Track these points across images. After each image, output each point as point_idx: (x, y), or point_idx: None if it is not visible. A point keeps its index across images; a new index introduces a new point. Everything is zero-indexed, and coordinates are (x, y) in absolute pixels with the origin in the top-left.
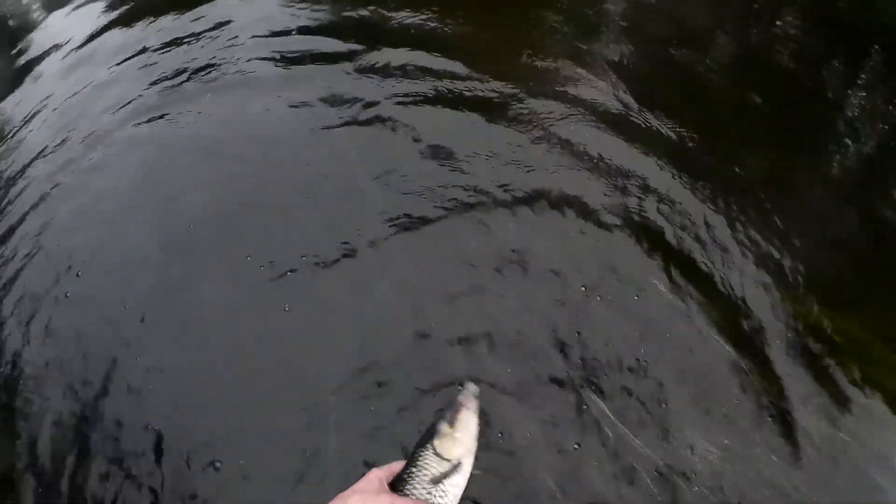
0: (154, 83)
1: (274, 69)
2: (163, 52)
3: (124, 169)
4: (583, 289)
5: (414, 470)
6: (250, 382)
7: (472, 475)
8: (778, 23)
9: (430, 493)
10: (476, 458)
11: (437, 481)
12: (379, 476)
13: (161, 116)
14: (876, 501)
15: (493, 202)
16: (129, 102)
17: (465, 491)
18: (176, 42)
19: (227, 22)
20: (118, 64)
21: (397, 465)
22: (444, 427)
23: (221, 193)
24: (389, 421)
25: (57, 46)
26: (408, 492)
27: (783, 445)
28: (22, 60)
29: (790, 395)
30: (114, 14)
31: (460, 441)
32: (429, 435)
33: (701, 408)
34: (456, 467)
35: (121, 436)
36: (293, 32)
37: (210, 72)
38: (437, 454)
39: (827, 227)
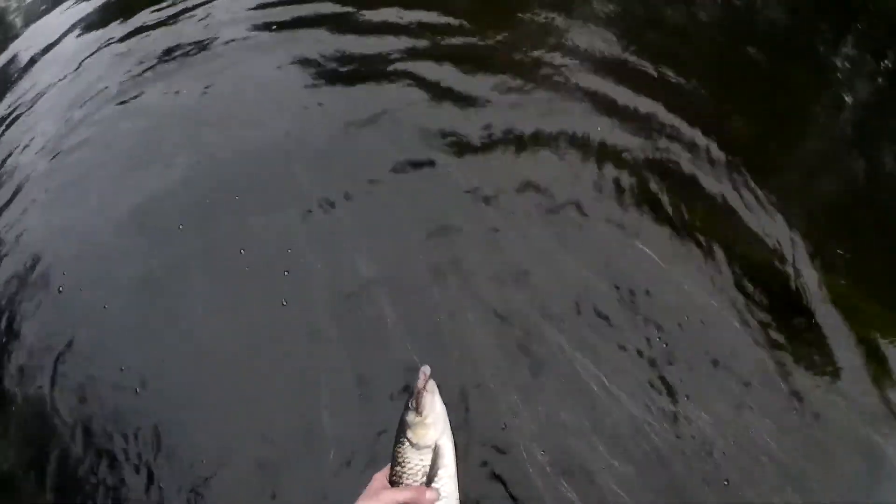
0: (136, 65)
1: (259, 38)
2: (141, 36)
3: (106, 152)
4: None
5: (398, 468)
6: (248, 381)
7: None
8: None
9: (423, 482)
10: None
11: (430, 477)
12: (379, 478)
13: (138, 95)
14: (870, 458)
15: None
16: (110, 86)
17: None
18: (155, 26)
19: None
20: (97, 51)
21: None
22: (411, 416)
23: (206, 174)
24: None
25: (36, 45)
26: None
27: (776, 410)
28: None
29: (783, 359)
30: (93, 6)
31: (432, 425)
32: (401, 429)
33: (691, 372)
34: (437, 451)
35: (119, 436)
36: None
37: (191, 49)
38: (415, 445)
39: (819, 183)
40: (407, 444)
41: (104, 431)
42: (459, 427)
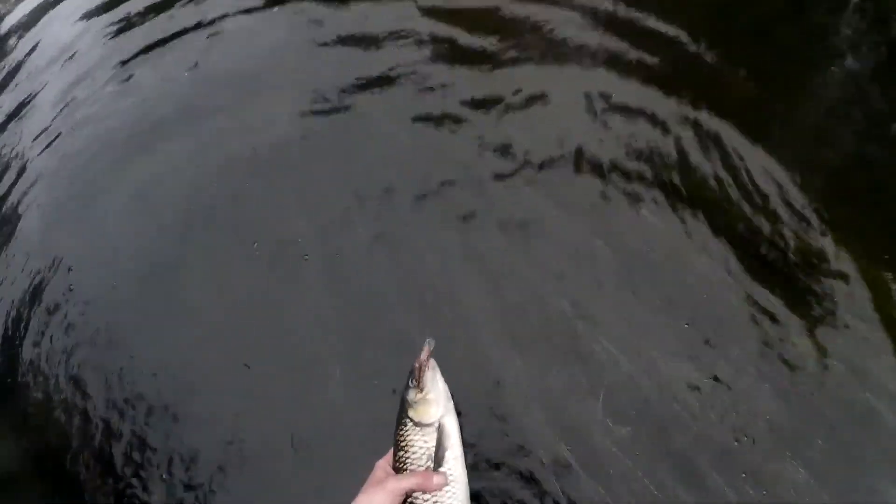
0: (130, 39)
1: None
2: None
3: (103, 134)
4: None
5: (402, 453)
6: (259, 371)
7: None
8: None
9: (429, 466)
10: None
11: (436, 459)
12: (382, 465)
13: (128, 79)
14: (870, 425)
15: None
16: (104, 63)
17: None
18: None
19: None
20: (90, 27)
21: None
22: (412, 394)
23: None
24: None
25: (27, 21)
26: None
27: (775, 375)
28: None
29: (781, 322)
30: None
31: (434, 400)
32: (402, 410)
33: (687, 335)
34: (441, 430)
35: (125, 430)
36: None
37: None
38: (418, 424)
39: (815, 146)
40: (409, 424)
41: (108, 428)
42: (453, 388)
